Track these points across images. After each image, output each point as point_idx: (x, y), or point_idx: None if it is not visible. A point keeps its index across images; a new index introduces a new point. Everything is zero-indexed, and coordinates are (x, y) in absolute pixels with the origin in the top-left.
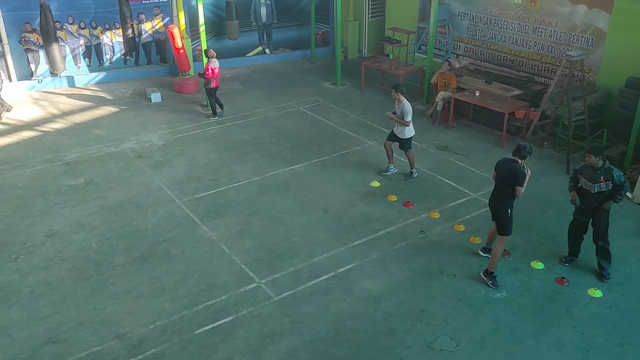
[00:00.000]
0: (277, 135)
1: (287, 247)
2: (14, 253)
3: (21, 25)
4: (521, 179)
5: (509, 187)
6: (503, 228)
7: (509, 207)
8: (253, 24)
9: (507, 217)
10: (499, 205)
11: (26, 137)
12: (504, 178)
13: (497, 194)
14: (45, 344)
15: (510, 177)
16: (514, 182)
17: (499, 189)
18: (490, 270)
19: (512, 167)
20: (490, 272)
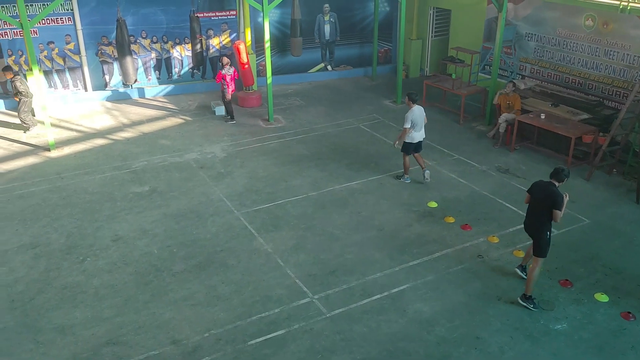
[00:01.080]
0: (336, 152)
1: (341, 264)
2: (81, 255)
3: (98, 38)
4: (559, 202)
5: (546, 210)
6: (540, 250)
7: (548, 230)
8: (316, 41)
9: (546, 239)
10: (539, 228)
11: (98, 145)
12: (541, 201)
13: (535, 216)
14: (106, 345)
15: (548, 200)
16: (552, 206)
17: (537, 212)
18: (527, 295)
19: (550, 191)
20: (529, 296)
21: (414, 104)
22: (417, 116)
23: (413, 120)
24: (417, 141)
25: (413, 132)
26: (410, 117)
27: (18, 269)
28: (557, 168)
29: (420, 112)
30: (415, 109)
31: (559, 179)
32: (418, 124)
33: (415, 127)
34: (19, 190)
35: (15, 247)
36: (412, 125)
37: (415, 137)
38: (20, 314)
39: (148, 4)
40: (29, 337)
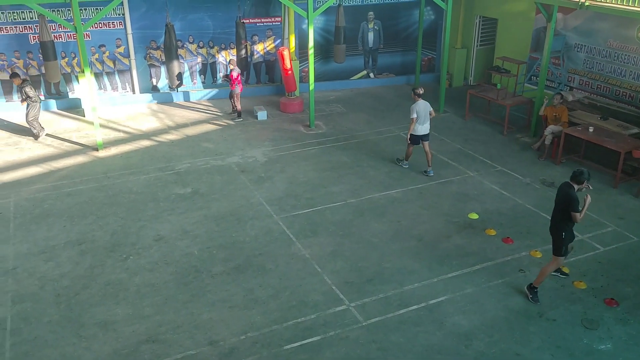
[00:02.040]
0: (375, 159)
1: (378, 272)
2: (124, 253)
3: (147, 42)
4: (574, 204)
5: (563, 210)
6: (556, 248)
7: (563, 230)
8: (360, 48)
9: (561, 238)
10: (555, 228)
11: (143, 146)
12: (558, 202)
13: (553, 216)
14: (146, 342)
15: (563, 201)
16: (567, 208)
17: (554, 212)
18: (534, 285)
19: (566, 192)
20: (534, 287)
21: (419, 98)
22: (422, 109)
23: (418, 112)
24: (422, 134)
25: (417, 125)
26: (416, 109)
27: (64, 264)
28: (576, 170)
29: (425, 105)
30: (420, 102)
31: (578, 181)
32: (422, 117)
33: (419, 120)
34: (67, 188)
35: (62, 243)
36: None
37: (419, 130)
38: (65, 308)
39: (196, 10)
40: (73, 331)
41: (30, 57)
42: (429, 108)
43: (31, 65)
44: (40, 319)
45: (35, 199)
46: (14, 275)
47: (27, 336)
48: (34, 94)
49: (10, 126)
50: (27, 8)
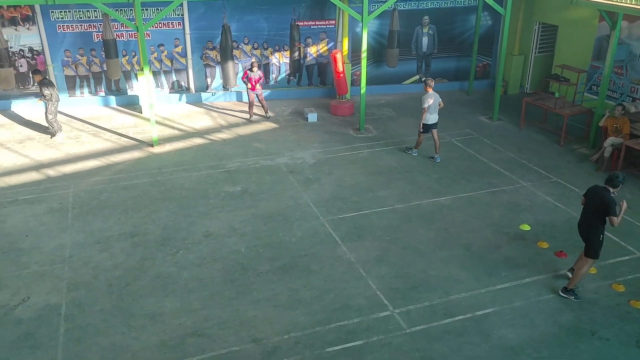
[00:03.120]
0: (425, 165)
1: (424, 280)
2: (175, 247)
3: (204, 43)
4: (612, 208)
5: (599, 214)
6: (592, 251)
7: (601, 233)
8: (413, 52)
9: (598, 241)
10: (591, 231)
11: (196, 144)
12: (594, 206)
13: (588, 219)
14: (191, 335)
15: (600, 205)
16: (605, 212)
17: (590, 216)
18: (569, 288)
19: (603, 196)
20: (570, 289)
21: (431, 89)
22: (433, 100)
23: (429, 102)
24: (432, 122)
25: (428, 114)
26: (427, 99)
27: (118, 255)
28: (612, 174)
29: (435, 96)
30: (431, 93)
31: (614, 185)
32: (432, 107)
33: (430, 110)
34: (123, 182)
35: (116, 234)
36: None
37: (429, 119)
38: (117, 298)
39: (252, 12)
40: (123, 320)
41: (93, 54)
42: (439, 99)
43: (94, 63)
44: (93, 307)
45: (93, 191)
46: (70, 264)
47: (80, 323)
48: (48, 93)
49: (72, 120)
50: (92, 7)
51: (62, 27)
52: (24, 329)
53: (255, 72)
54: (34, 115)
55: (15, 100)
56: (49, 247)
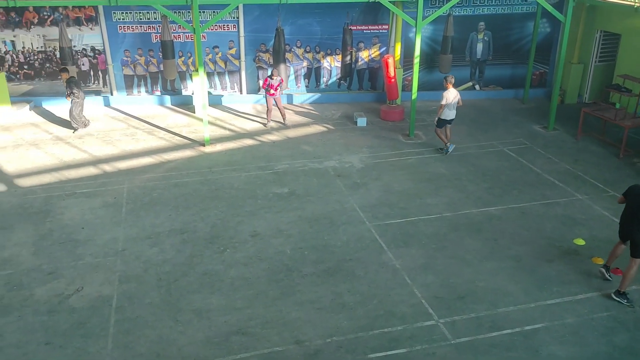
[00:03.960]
0: (475, 174)
1: (470, 291)
2: (222, 246)
3: (257, 45)
4: None
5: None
6: (638, 251)
7: None
8: (467, 59)
9: None
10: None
11: (246, 145)
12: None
13: (632, 219)
14: (236, 333)
15: None
16: None
17: (633, 217)
18: (621, 291)
19: None
20: (622, 292)
21: (451, 85)
22: (452, 97)
23: (447, 99)
24: (450, 118)
25: (447, 110)
26: (446, 96)
27: (167, 251)
28: None
29: (455, 93)
30: (452, 90)
31: None
32: (451, 103)
33: (449, 106)
34: (175, 180)
35: (167, 230)
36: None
37: (448, 115)
38: (165, 293)
39: (306, 15)
40: (170, 314)
41: (151, 54)
42: (459, 96)
43: (151, 63)
44: (142, 300)
45: (146, 187)
46: (122, 257)
47: (130, 315)
48: (77, 91)
49: (128, 118)
50: (151, 9)
51: (122, 27)
52: (77, 318)
53: (275, 80)
54: (95, 112)
55: None
56: (103, 239)
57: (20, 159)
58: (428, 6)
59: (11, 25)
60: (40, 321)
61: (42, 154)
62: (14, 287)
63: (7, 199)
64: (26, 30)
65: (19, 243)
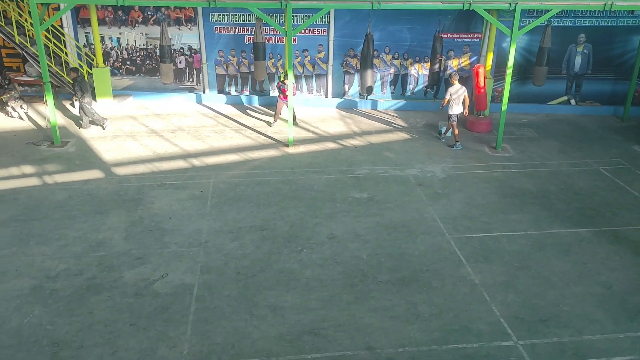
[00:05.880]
0: (565, 192)
1: (554, 314)
2: (299, 245)
3: (346, 50)
4: None
5: None
6: None
7: None
8: (563, 72)
9: None
10: None
11: (328, 148)
12: None
13: None
14: (308, 333)
15: None
16: None
17: None
18: None
19: None
20: None
21: (456, 81)
22: (454, 92)
23: (451, 94)
24: (456, 113)
25: (454, 106)
26: (450, 91)
27: (247, 246)
28: None
29: (458, 89)
30: (456, 85)
31: None
32: (454, 99)
33: (455, 101)
34: (258, 178)
35: (248, 226)
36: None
37: (455, 110)
38: (243, 287)
39: (396, 22)
40: (247, 308)
41: (243, 55)
42: (465, 93)
43: (243, 64)
44: (221, 292)
45: (231, 183)
46: (205, 248)
47: (209, 305)
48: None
49: (218, 116)
50: (246, 11)
51: (218, 29)
52: (160, 303)
53: (287, 85)
54: (187, 109)
55: (172, 94)
56: (188, 230)
57: (118, 148)
58: (525, 16)
59: (118, 23)
60: (127, 303)
61: (138, 145)
62: (106, 269)
63: (105, 185)
64: (131, 28)
65: (112, 227)
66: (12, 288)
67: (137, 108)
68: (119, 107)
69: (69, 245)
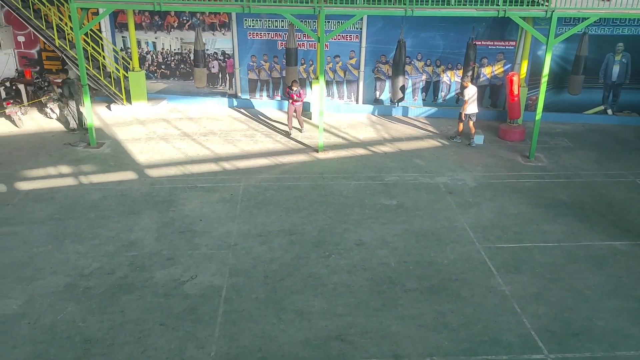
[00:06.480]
0: (601, 204)
1: (586, 328)
2: (327, 251)
3: (378, 56)
4: None
5: None
6: None
7: None
8: (600, 81)
9: None
10: None
11: (358, 154)
12: None
13: None
14: (335, 339)
15: None
16: None
17: None
18: None
19: None
20: None
21: (469, 84)
22: (472, 93)
23: (469, 95)
24: (473, 112)
25: (471, 105)
26: (467, 93)
27: (275, 250)
28: None
29: (475, 90)
30: (471, 87)
31: None
32: (472, 99)
33: (470, 100)
34: (287, 182)
35: (277, 230)
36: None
37: (472, 109)
38: (271, 290)
39: (429, 29)
40: (274, 312)
41: (275, 60)
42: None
43: (275, 69)
44: (249, 295)
45: (260, 187)
46: (234, 251)
47: (237, 307)
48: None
49: (249, 120)
50: (280, 17)
51: (252, 34)
52: (189, 303)
53: (295, 90)
54: (219, 113)
55: (205, 98)
56: (218, 233)
57: (151, 150)
58: (561, 23)
59: (154, 28)
60: (157, 302)
61: (170, 148)
62: (137, 268)
63: (138, 187)
64: (166, 32)
65: (144, 228)
66: (47, 285)
67: (171, 111)
68: (153, 110)
69: (103, 244)
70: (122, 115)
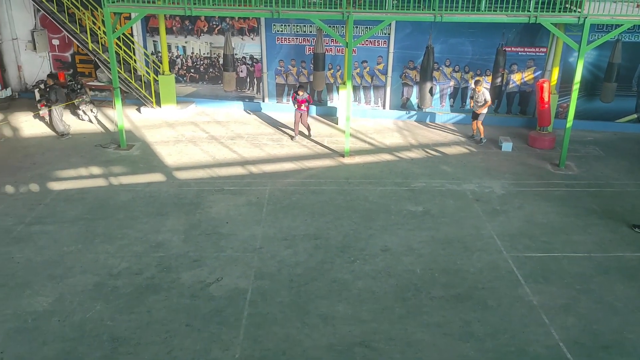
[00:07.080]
0: (632, 214)
1: (617, 341)
2: (352, 256)
3: (405, 62)
4: None
5: None
6: None
7: None
8: (634, 89)
9: None
10: None
11: (385, 160)
12: None
13: None
14: (359, 345)
15: None
16: None
17: None
18: None
19: None
20: None
21: (481, 87)
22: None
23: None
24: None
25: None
26: (486, 94)
27: (300, 254)
28: None
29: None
30: (484, 90)
31: None
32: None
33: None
34: (313, 187)
35: (302, 234)
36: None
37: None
38: (295, 294)
39: (458, 34)
40: (298, 316)
41: (303, 65)
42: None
43: (302, 74)
44: (274, 298)
45: (286, 191)
46: (259, 254)
47: (262, 310)
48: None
49: (276, 124)
50: (308, 22)
51: (280, 39)
52: (215, 305)
53: (302, 95)
54: (246, 117)
55: (233, 102)
56: (243, 235)
57: (179, 153)
58: (594, 30)
59: (184, 32)
60: (184, 304)
61: (198, 151)
62: (164, 269)
63: (166, 188)
64: (196, 37)
65: (172, 229)
66: (77, 283)
67: (199, 115)
68: (181, 113)
69: (131, 244)
70: (151, 118)
